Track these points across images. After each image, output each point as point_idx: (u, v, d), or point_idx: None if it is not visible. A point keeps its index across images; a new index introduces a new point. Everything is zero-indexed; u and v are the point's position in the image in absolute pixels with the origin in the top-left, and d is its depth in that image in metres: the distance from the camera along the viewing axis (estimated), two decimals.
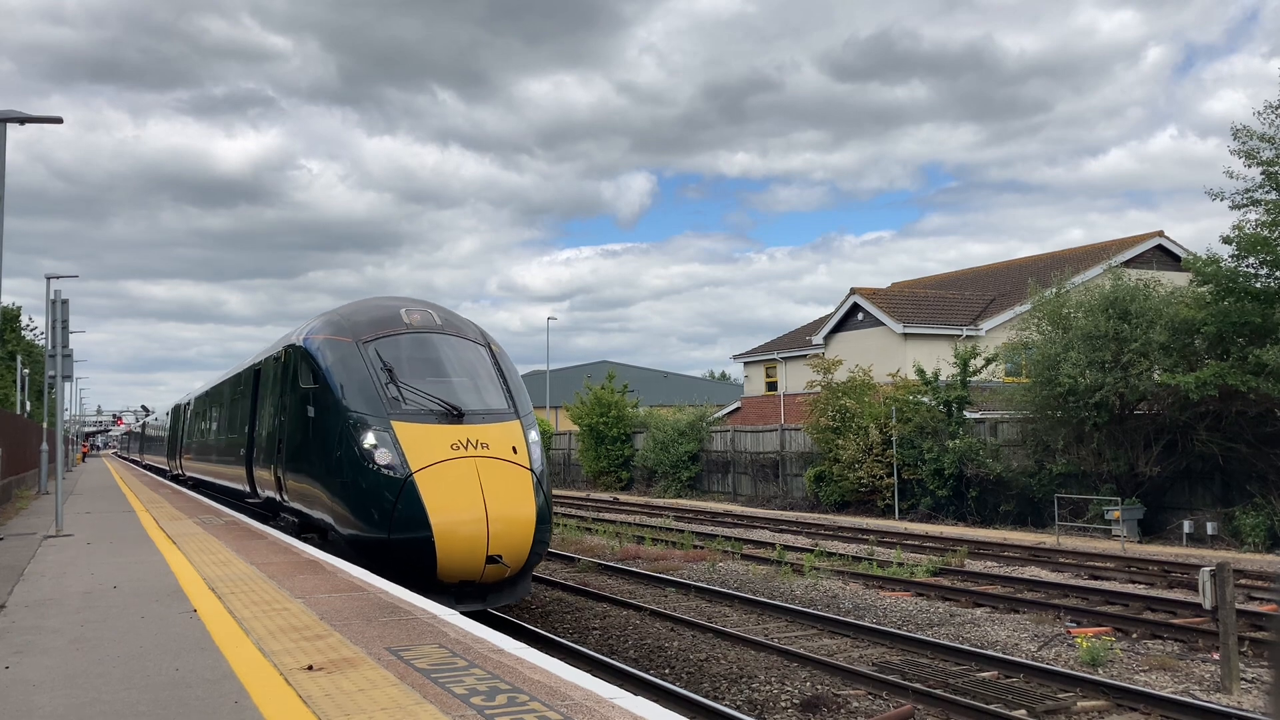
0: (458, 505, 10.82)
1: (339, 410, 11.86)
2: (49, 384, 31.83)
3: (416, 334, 12.76)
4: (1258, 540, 19.89)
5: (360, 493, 11.25)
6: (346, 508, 11.43)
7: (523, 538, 11.05)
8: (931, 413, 28.22)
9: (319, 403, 12.44)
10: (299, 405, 13.25)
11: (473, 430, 11.50)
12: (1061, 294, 25.01)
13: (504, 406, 12.26)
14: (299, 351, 13.61)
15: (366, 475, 11.21)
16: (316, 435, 12.44)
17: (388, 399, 11.67)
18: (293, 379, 13.75)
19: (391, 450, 11.16)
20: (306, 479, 12.87)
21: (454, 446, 11.22)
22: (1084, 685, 9.52)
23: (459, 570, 10.83)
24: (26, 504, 24.79)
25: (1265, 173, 20.72)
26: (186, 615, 7.72)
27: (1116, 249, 33.67)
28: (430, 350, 12.65)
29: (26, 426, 37.00)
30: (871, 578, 16.63)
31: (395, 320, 12.88)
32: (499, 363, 13.08)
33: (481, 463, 11.16)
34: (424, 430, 11.37)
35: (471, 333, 13.45)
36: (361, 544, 11.20)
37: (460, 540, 10.70)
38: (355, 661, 5.91)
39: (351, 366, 12.16)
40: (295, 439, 13.35)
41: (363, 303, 14.13)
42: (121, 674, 5.86)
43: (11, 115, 16.02)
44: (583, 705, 4.86)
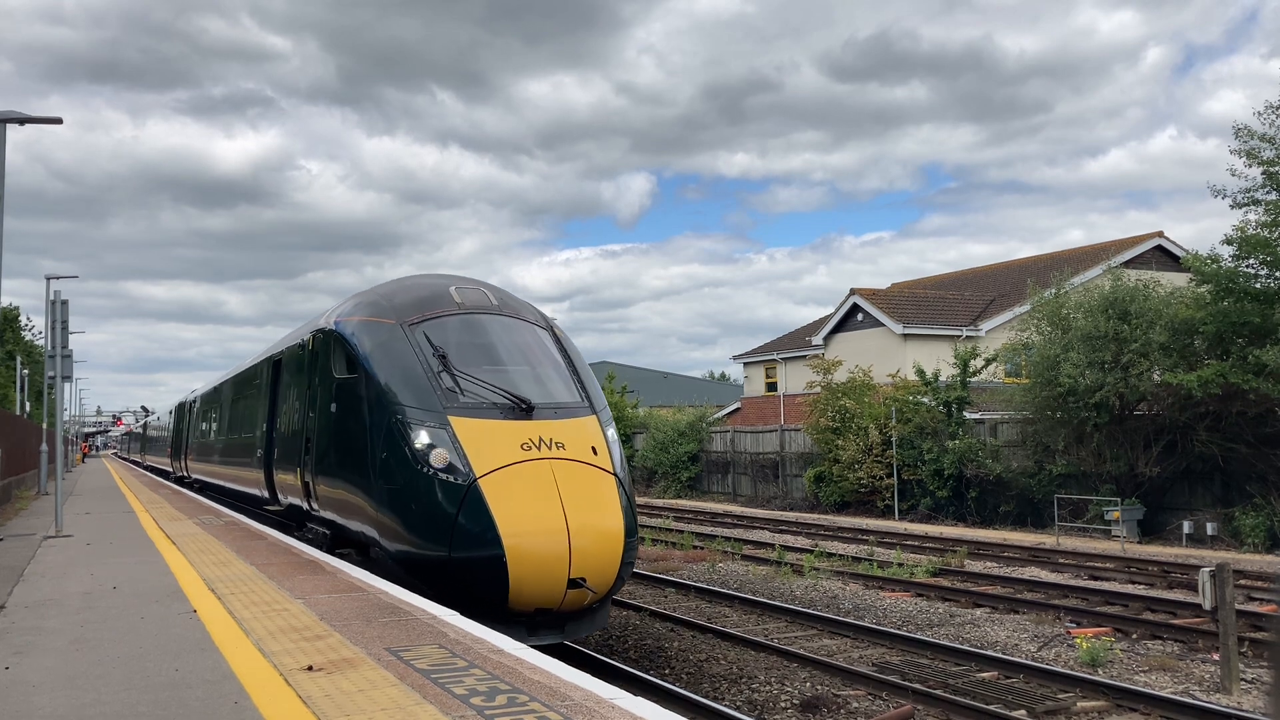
0: (533, 517, 9.07)
1: (383, 404, 10.16)
2: (48, 384, 31.81)
3: (470, 315, 11.04)
4: (1257, 541, 19.89)
5: (412, 502, 9.52)
6: (395, 519, 9.67)
7: (610, 555, 9.28)
8: (931, 413, 28.22)
9: (357, 395, 10.80)
10: (332, 399, 11.57)
11: (545, 427, 9.78)
12: (1061, 295, 25.01)
13: (576, 399, 10.57)
14: (331, 337, 11.90)
15: (420, 481, 9.45)
16: (355, 434, 10.78)
17: (442, 390, 9.96)
18: (323, 369, 12.08)
19: (450, 450, 9.42)
20: (343, 485, 11.05)
21: (524, 446, 9.49)
22: (1084, 686, 9.52)
23: (535, 596, 9.04)
24: (26, 504, 24.78)
25: (1266, 173, 20.73)
26: (186, 616, 7.71)
27: (1116, 249, 33.65)
28: (487, 333, 10.94)
29: (26, 427, 36.99)
30: (871, 578, 16.63)
31: (444, 299, 11.14)
32: (565, 348, 11.42)
33: (558, 465, 9.43)
34: (487, 427, 9.67)
35: (531, 314, 11.74)
36: (414, 563, 9.47)
37: (537, 559, 8.94)
38: (355, 662, 5.91)
39: (396, 352, 10.46)
40: (327, 438, 11.66)
41: (403, 281, 12.32)
42: (121, 675, 5.86)
43: (11, 116, 16.01)
44: (582, 706, 4.85)
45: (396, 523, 9.65)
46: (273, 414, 15.53)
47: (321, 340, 12.35)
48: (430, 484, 9.38)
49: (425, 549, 9.33)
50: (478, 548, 9.01)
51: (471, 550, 9.03)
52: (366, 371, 10.63)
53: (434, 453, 9.43)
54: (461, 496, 9.18)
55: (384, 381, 10.30)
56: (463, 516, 9.11)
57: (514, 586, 8.91)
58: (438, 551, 9.21)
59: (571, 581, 8.97)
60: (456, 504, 9.17)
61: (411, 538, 9.48)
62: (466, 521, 9.09)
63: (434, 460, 9.40)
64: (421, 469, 9.45)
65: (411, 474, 9.54)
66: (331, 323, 12.12)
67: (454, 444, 9.46)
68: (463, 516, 9.11)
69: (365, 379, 10.62)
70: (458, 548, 9.09)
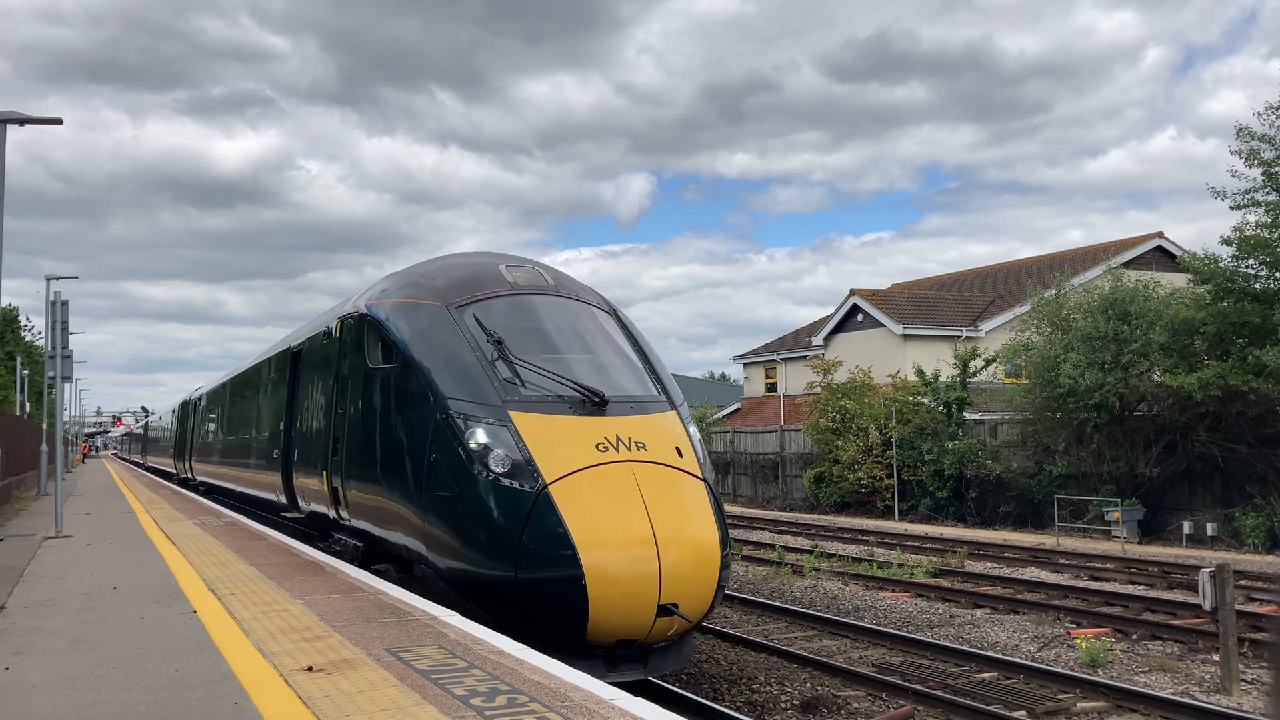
0: (615, 530, 7.79)
1: (430, 397, 8.85)
2: (48, 385, 31.82)
3: (524, 295, 9.79)
4: (1258, 541, 19.88)
5: (469, 512, 8.23)
6: (447, 532, 8.35)
7: (706, 576, 7.98)
8: (931, 414, 28.23)
9: (398, 388, 9.51)
10: (366, 392, 10.29)
11: (621, 424, 8.53)
12: (1061, 295, 25.01)
13: (653, 392, 9.32)
14: (364, 322, 10.59)
15: (477, 487, 8.18)
16: (395, 432, 9.50)
17: (499, 381, 8.71)
18: (354, 359, 10.75)
19: (513, 451, 8.17)
20: (381, 491, 9.67)
21: (600, 447, 8.23)
22: (1084, 686, 9.52)
23: (618, 625, 7.70)
24: (26, 505, 24.78)
25: (1266, 173, 20.73)
26: (186, 616, 7.71)
27: (1116, 250, 33.66)
28: (545, 317, 9.69)
29: (26, 427, 36.99)
30: (871, 579, 16.63)
31: (495, 278, 9.91)
32: (633, 334, 10.24)
33: (640, 469, 8.17)
34: (555, 424, 8.44)
35: (591, 296, 10.54)
36: (471, 585, 8.19)
37: (622, 581, 7.61)
38: (355, 662, 5.91)
39: (444, 338, 9.21)
40: (361, 437, 10.25)
41: (445, 259, 11.07)
42: (122, 675, 5.86)
43: (11, 116, 16.01)
44: (582, 706, 4.86)
45: (449, 536, 8.34)
46: (292, 411, 14.25)
47: (352, 327, 11.04)
48: (490, 491, 8.10)
49: (485, 568, 7.99)
50: (550, 567, 7.67)
51: (543, 570, 7.70)
52: (408, 360, 9.32)
53: (493, 454, 8.17)
54: (529, 506, 7.87)
55: (430, 371, 9.03)
56: (531, 529, 7.80)
57: (594, 614, 7.58)
58: (501, 571, 7.86)
59: (662, 608, 7.67)
60: (523, 515, 7.85)
61: (468, 554, 8.16)
62: (536, 535, 7.78)
63: (494, 462, 8.14)
64: (479, 473, 8.17)
65: (467, 479, 8.26)
66: (363, 306, 10.84)
67: (517, 443, 8.21)
68: (531, 529, 7.80)
69: (407, 369, 9.33)
70: (526, 567, 7.74)
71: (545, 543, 7.75)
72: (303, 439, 13.16)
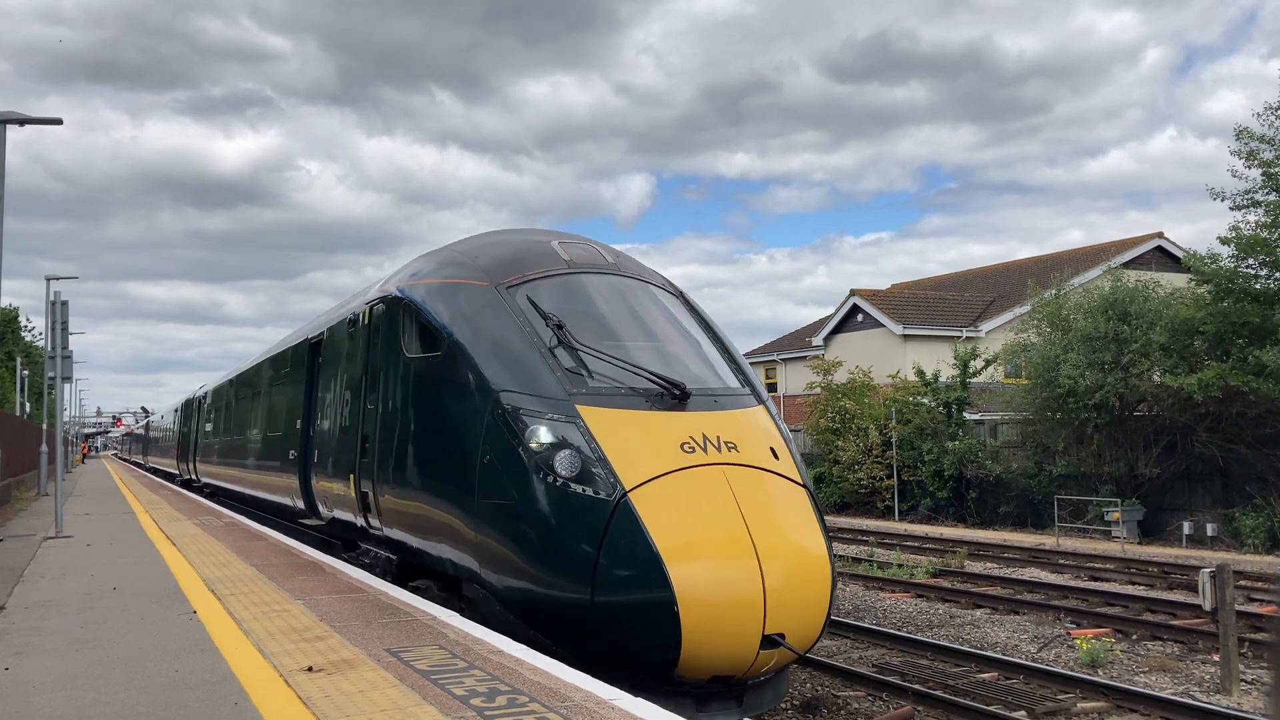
0: (710, 546, 6.68)
1: (482, 389, 7.76)
2: (48, 385, 31.83)
3: (583, 275, 8.74)
4: (1258, 541, 19.89)
5: (533, 523, 7.11)
6: (507, 546, 7.23)
7: (816, 600, 6.95)
8: (931, 414, 28.24)
9: (442, 380, 8.46)
10: (403, 385, 9.22)
11: (707, 421, 7.46)
12: (1061, 295, 25.03)
13: (735, 384, 8.23)
14: (399, 306, 9.50)
15: (543, 494, 7.08)
16: (439, 430, 8.46)
17: (563, 370, 7.61)
18: (388, 347, 9.66)
19: (584, 451, 7.08)
20: (423, 497, 8.54)
21: (685, 448, 7.14)
22: (1084, 686, 9.52)
23: (716, 658, 6.57)
24: (26, 505, 24.78)
25: (1265, 174, 20.74)
26: (186, 616, 7.71)
27: (1116, 250, 33.67)
28: (607, 299, 8.63)
29: (26, 428, 37.00)
30: (871, 579, 16.63)
31: (548, 256, 8.85)
32: (705, 319, 9.21)
33: (734, 474, 7.09)
34: (630, 420, 7.34)
35: (654, 276, 9.46)
36: (536, 608, 7.05)
37: (720, 607, 6.49)
38: (355, 663, 5.91)
39: (495, 322, 8.14)
40: (397, 436, 9.16)
41: (488, 236, 9.94)
42: (121, 675, 5.86)
43: (11, 117, 16.01)
44: (582, 706, 4.86)
45: (509, 550, 7.22)
46: (311, 407, 13.07)
47: (383, 312, 9.92)
48: (558, 498, 7.01)
49: (553, 589, 6.87)
50: (634, 589, 6.58)
51: (625, 593, 6.60)
52: (453, 347, 8.27)
53: (560, 455, 7.07)
54: (606, 516, 6.76)
55: (480, 360, 7.98)
56: (610, 544, 6.70)
57: (688, 645, 6.43)
58: (572, 594, 6.73)
59: (767, 639, 6.55)
60: (599, 526, 6.75)
61: (532, 572, 7.03)
62: (615, 551, 6.68)
63: (560, 465, 7.03)
64: (543, 477, 7.07)
65: (529, 484, 7.16)
66: (395, 289, 9.77)
67: (588, 442, 7.12)
68: (610, 544, 6.70)
69: (452, 357, 8.27)
70: (605, 589, 6.62)
71: (627, 560, 6.64)
72: (324, 438, 11.93)
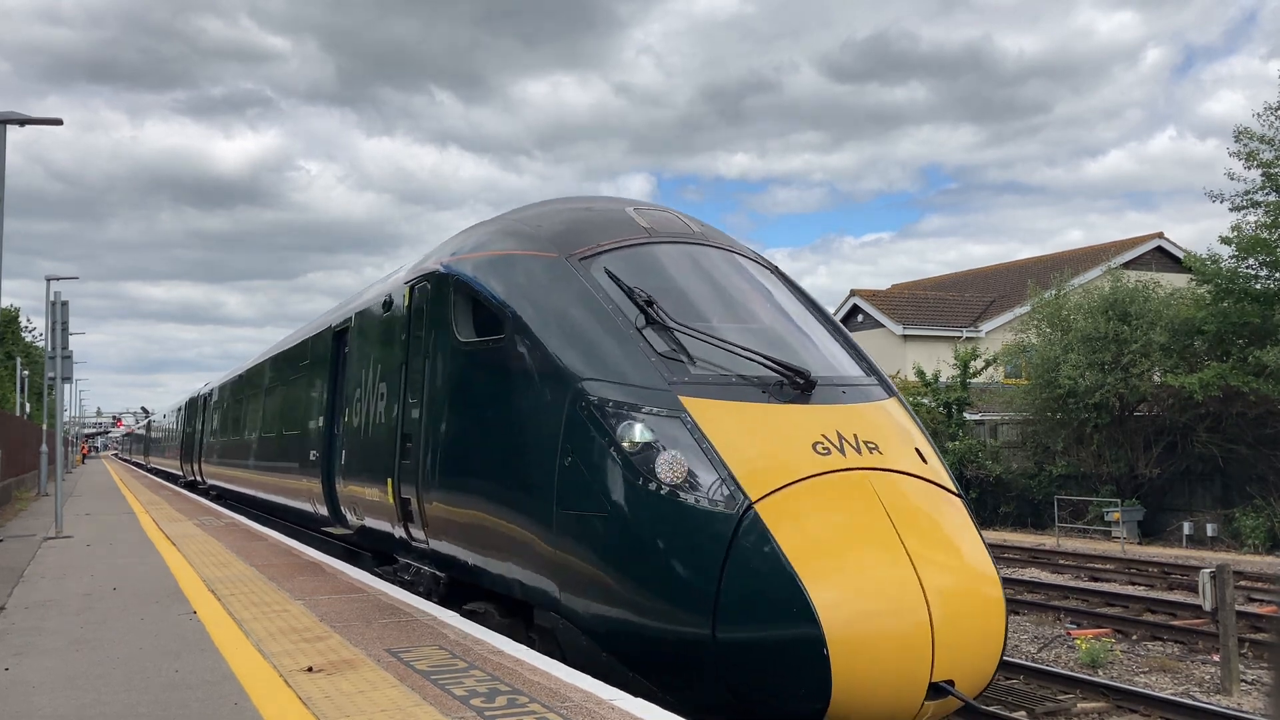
0: (862, 572, 5.46)
1: (559, 378, 6.55)
2: (48, 386, 31.82)
3: (668, 245, 7.54)
4: (1258, 542, 19.89)
5: (633, 539, 5.85)
6: (597, 566, 5.97)
7: (990, 637, 5.70)
8: (931, 414, 28.23)
9: (506, 367, 7.19)
10: (455, 375, 7.96)
11: (839, 415, 6.26)
12: (1061, 296, 25.05)
13: (858, 372, 7.08)
14: (447, 284, 8.25)
15: (645, 504, 5.84)
16: (505, 426, 7.14)
17: (659, 356, 6.38)
18: (434, 332, 8.38)
19: (695, 453, 5.85)
20: (483, 506, 7.25)
21: (819, 448, 5.92)
22: (1084, 687, 9.52)
23: (874, 709, 5.31)
24: (26, 505, 24.78)
25: (1265, 174, 20.76)
26: (186, 617, 7.72)
27: (1116, 250, 33.68)
28: (699, 273, 7.46)
29: (26, 428, 37.01)
30: None
31: (623, 223, 7.66)
32: (810, 298, 8.01)
33: (882, 482, 5.87)
34: (748, 415, 6.14)
35: (743, 248, 8.27)
36: (639, 643, 5.77)
37: (879, 647, 5.25)
38: (355, 663, 5.91)
39: (569, 299, 6.94)
40: (448, 434, 7.91)
41: (546, 204, 8.73)
42: (121, 675, 5.86)
43: (12, 117, 16.02)
44: (582, 707, 4.86)
45: (602, 572, 5.95)
46: (336, 403, 11.77)
47: (429, 291, 8.66)
48: (667, 510, 5.76)
49: (662, 621, 5.61)
50: (770, 622, 5.32)
51: (758, 627, 5.34)
52: (520, 329, 7.05)
53: (663, 456, 5.85)
54: (729, 532, 5.52)
55: (555, 343, 6.75)
56: (735, 566, 5.44)
57: (839, 694, 5.19)
58: (688, 627, 5.48)
59: (934, 686, 5.30)
60: (720, 545, 5.50)
61: (634, 600, 5.74)
62: (743, 575, 5.43)
63: (664, 469, 5.82)
64: (644, 484, 5.85)
65: (627, 492, 5.94)
66: (441, 264, 8.59)
67: (699, 442, 5.89)
68: (735, 566, 5.44)
69: (519, 341, 7.04)
70: (731, 621, 5.37)
71: (759, 586, 5.39)
72: (354, 437, 10.62)
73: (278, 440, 15.64)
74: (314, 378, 13.35)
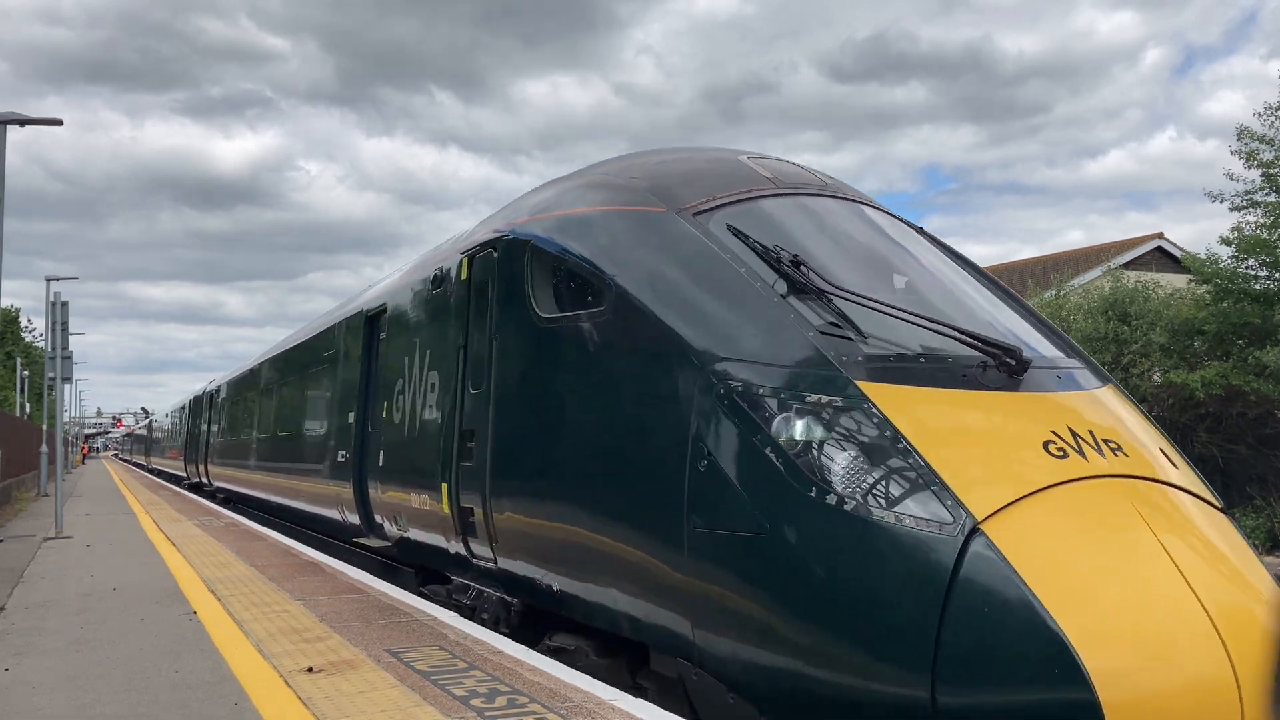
0: (1135, 609, 4.07)
1: (683, 357, 5.24)
2: (49, 386, 31.82)
3: (797, 197, 6.30)
4: (1258, 542, 19.90)
5: (806, 567, 4.49)
6: (758, 602, 4.62)
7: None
8: None
9: (609, 345, 5.91)
10: (536, 356, 6.63)
11: (1065, 407, 4.99)
12: (1061, 296, 25.05)
13: (1056, 351, 5.74)
14: (522, 249, 6.94)
15: (821, 521, 4.49)
16: (609, 418, 5.82)
17: (816, 330, 5.02)
18: (504, 307, 7.03)
19: (887, 454, 4.54)
20: (578, 517, 5.89)
21: (1053, 449, 4.59)
22: None
23: None
24: (26, 506, 24.79)
25: (1265, 174, 20.77)
26: (186, 617, 7.72)
27: (1116, 251, 33.64)
28: (838, 229, 6.24)
29: (26, 428, 37.02)
30: None
31: (741, 174, 6.40)
32: (973, 265, 6.76)
33: (1138, 493, 4.58)
34: (949, 405, 4.82)
35: (879, 204, 7.11)
36: (823, 707, 4.40)
37: (1172, 714, 3.91)
38: (355, 663, 5.92)
39: (688, 260, 5.68)
40: (526, 429, 6.58)
41: (638, 155, 7.35)
42: (121, 676, 5.86)
43: (12, 118, 16.04)
44: (582, 707, 4.86)
45: (761, 609, 4.60)
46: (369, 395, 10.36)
47: (495, 259, 7.30)
48: (855, 531, 4.39)
49: (855, 679, 4.27)
50: (1017, 685, 3.97)
51: (1001, 689, 3.99)
52: (625, 299, 5.73)
53: (842, 459, 4.54)
54: (949, 561, 4.16)
55: (674, 315, 5.43)
56: (963, 608, 4.08)
57: None
58: (893, 688, 4.14)
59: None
60: (940, 579, 4.13)
61: (810, 648, 4.40)
62: (973, 619, 4.07)
63: (844, 475, 4.50)
64: (820, 495, 4.48)
65: (795, 505, 4.55)
66: (509, 227, 7.32)
67: (892, 440, 4.54)
68: (963, 608, 4.08)
69: (625, 313, 5.73)
70: (957, 682, 4.02)
71: (999, 635, 4.01)
72: (395, 436, 9.21)
73: (296, 440, 14.18)
74: (341, 369, 11.92)
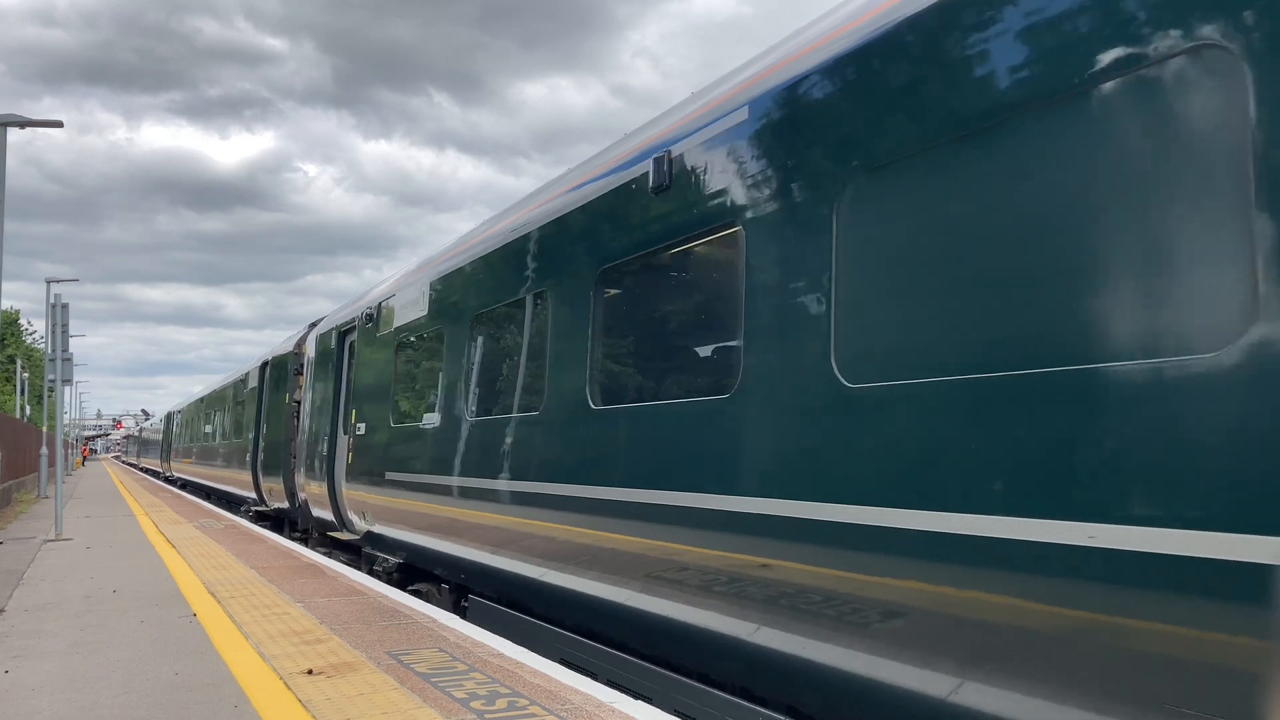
0: None
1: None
2: (48, 388, 31.84)
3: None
4: None
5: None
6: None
7: None
8: None
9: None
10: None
11: None
12: None
13: None
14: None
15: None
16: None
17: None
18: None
19: None
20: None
21: None
22: None
23: None
24: (26, 508, 24.77)
25: None
26: (186, 619, 7.72)
27: None
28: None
29: (26, 430, 37.01)
30: None
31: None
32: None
33: None
34: None
35: None
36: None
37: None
38: (355, 665, 5.91)
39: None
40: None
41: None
42: (121, 678, 5.86)
43: (12, 119, 16.04)
44: (582, 709, 4.86)
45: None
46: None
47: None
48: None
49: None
50: None
51: None
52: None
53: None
54: None
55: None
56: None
57: None
58: None
59: None
60: None
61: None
62: None
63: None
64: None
65: None
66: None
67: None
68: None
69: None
70: None
71: None
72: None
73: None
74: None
